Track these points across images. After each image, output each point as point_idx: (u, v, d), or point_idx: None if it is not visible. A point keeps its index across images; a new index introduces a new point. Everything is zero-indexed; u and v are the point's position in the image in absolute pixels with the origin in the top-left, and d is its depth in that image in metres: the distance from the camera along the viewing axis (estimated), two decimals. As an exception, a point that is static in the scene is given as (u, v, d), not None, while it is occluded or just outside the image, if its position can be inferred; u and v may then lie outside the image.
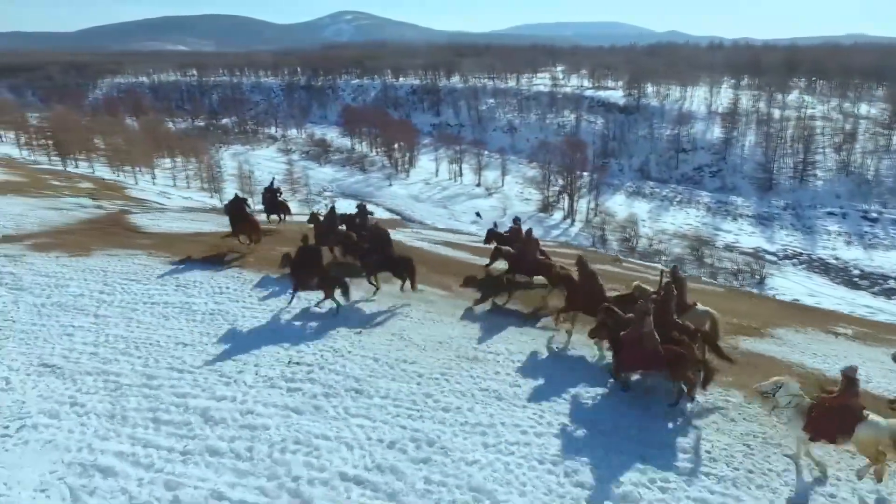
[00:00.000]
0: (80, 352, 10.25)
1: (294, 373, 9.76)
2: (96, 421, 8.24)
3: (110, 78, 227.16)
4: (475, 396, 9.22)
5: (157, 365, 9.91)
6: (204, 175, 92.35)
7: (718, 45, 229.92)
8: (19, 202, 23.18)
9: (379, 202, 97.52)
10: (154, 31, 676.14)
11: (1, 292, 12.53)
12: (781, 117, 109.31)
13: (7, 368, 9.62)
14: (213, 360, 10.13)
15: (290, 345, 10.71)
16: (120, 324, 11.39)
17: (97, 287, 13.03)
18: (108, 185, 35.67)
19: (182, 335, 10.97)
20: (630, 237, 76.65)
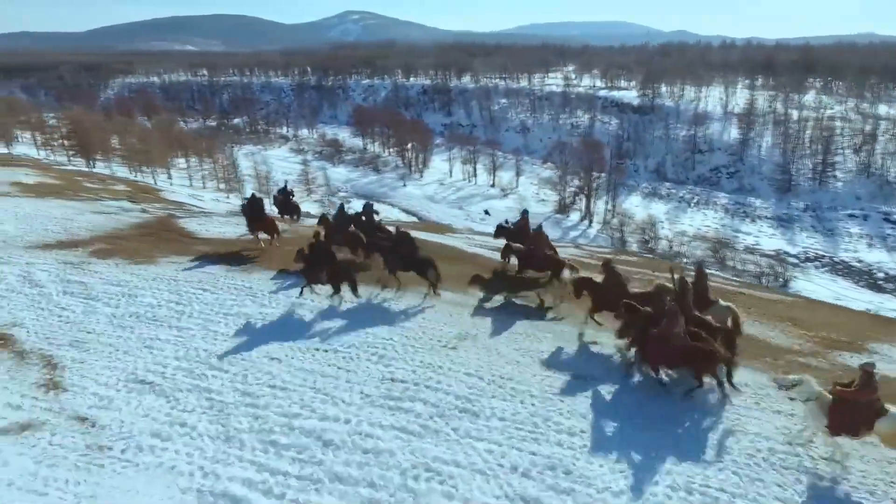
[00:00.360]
0: (169, 366, 9.82)
1: (393, 391, 9.30)
2: (210, 444, 7.80)
3: (121, 78, 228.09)
4: (594, 417, 8.73)
5: (253, 382, 9.47)
6: (220, 175, 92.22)
7: (731, 45, 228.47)
8: (61, 205, 22.80)
9: (394, 203, 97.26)
10: (161, 31, 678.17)
11: (73, 302, 12.13)
12: (799, 118, 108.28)
13: (97, 383, 9.21)
14: (307, 376, 9.68)
15: (382, 360, 10.25)
16: (201, 336, 10.96)
17: (170, 297, 12.61)
18: (142, 187, 35.32)
19: (269, 349, 10.52)
20: (649, 239, 76.01)
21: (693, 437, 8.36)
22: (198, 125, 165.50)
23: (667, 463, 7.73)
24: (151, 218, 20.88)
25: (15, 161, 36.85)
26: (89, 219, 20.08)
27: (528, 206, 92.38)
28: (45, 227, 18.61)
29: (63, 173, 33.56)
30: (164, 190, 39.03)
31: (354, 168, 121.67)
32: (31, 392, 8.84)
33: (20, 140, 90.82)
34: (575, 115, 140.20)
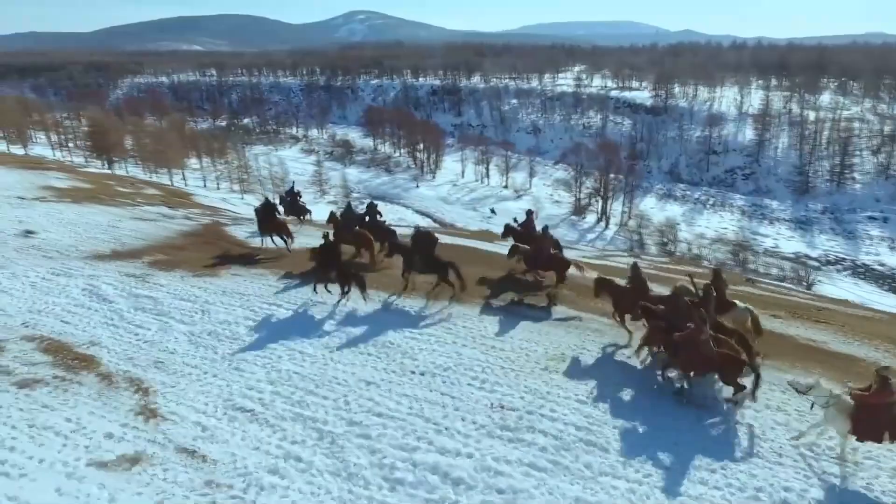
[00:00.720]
0: (264, 391, 9.32)
1: (507, 420, 8.78)
2: (333, 482, 7.26)
3: (130, 78, 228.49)
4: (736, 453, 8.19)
5: (357, 409, 8.96)
6: (233, 176, 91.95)
7: (742, 45, 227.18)
8: (102, 211, 22.38)
9: (408, 204, 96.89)
10: (168, 31, 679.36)
11: (146, 319, 11.66)
12: (816, 119, 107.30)
13: (196, 411, 8.72)
14: (412, 403, 9.16)
15: (485, 385, 9.72)
16: (288, 357, 10.46)
17: (243, 313, 12.12)
18: (173, 191, 34.86)
19: (361, 372, 10.01)
20: (667, 241, 75.33)
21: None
22: (207, 125, 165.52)
23: None
24: (197, 225, 20.41)
25: (43, 164, 36.41)
26: (135, 226, 19.62)
27: (543, 208, 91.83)
28: (93, 234, 18.16)
29: (93, 177, 33.12)
30: (195, 194, 38.54)
31: (366, 169, 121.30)
32: (129, 421, 8.34)
33: (34, 140, 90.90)
34: (587, 116, 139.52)
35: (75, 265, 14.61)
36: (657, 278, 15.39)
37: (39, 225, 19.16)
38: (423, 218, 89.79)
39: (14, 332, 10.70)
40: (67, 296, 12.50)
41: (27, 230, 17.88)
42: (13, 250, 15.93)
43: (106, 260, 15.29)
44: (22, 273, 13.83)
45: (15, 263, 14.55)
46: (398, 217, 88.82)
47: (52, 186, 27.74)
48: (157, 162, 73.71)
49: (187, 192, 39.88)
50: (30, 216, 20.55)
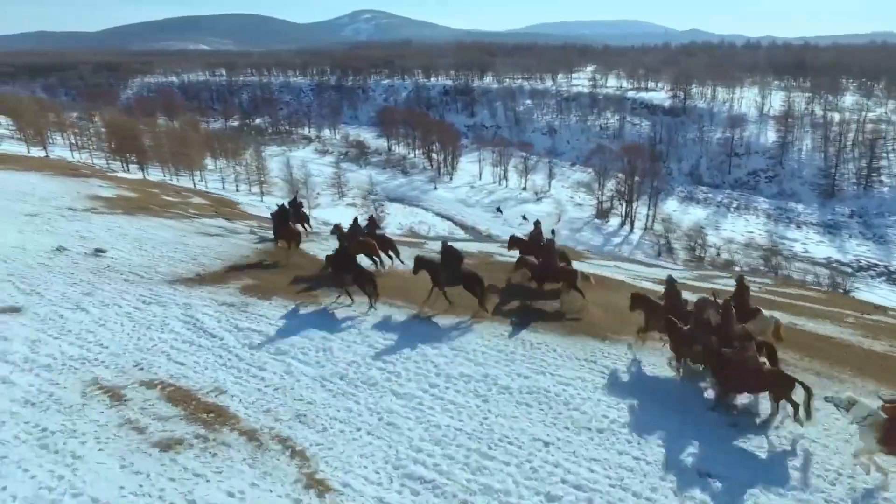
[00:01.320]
0: (433, 454, 8.11)
1: (707, 490, 7.56)
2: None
3: (140, 78, 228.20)
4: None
5: (546, 477, 7.75)
6: (251, 177, 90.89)
7: (756, 45, 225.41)
8: (161, 225, 21.25)
9: (427, 206, 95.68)
10: (174, 31, 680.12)
11: (265, 359, 10.48)
12: (841, 120, 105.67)
13: (367, 481, 7.51)
14: (603, 469, 7.95)
15: (675, 443, 8.51)
16: (440, 408, 9.26)
17: (364, 350, 10.93)
18: (219, 199, 33.65)
19: (530, 427, 8.81)
20: (695, 246, 73.92)
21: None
22: (220, 125, 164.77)
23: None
24: (268, 242, 19.22)
25: (79, 170, 35.38)
26: (204, 243, 18.48)
27: (566, 211, 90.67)
28: (164, 253, 17.01)
29: (133, 184, 32.03)
30: (240, 203, 37.33)
31: (382, 170, 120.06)
32: (301, 496, 7.14)
33: (52, 142, 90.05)
34: (603, 117, 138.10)
35: (163, 292, 13.48)
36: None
37: (104, 241, 18.03)
38: (444, 221, 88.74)
39: (130, 376, 9.57)
40: (170, 330, 11.34)
41: (97, 249, 16.74)
42: (89, 272, 14.80)
43: (192, 285, 14.15)
44: (111, 301, 12.70)
45: (99, 289, 13.43)
46: (419, 220, 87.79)
47: (99, 196, 26.64)
48: (179, 164, 72.62)
49: (232, 199, 38.63)
50: (91, 231, 19.43)
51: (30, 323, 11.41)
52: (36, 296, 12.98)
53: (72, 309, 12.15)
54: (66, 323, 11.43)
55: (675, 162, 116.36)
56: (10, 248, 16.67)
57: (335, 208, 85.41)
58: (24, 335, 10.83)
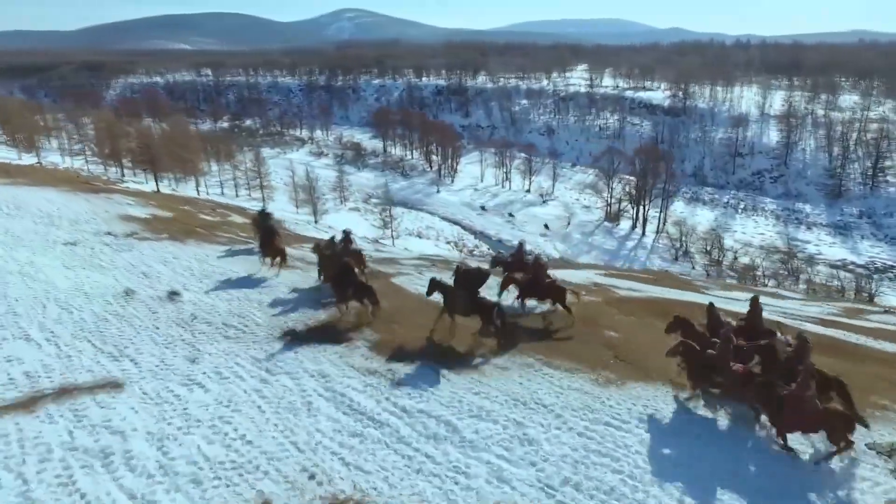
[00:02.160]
0: None
1: None
2: None
3: (123, 78, 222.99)
4: None
5: None
6: (250, 182, 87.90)
7: (746, 44, 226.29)
8: (221, 254, 18.84)
9: (432, 210, 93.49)
10: (155, 30, 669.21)
11: (455, 456, 8.17)
12: (843, 120, 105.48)
13: None
14: None
15: None
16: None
17: (573, 440, 8.49)
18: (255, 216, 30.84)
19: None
20: (710, 249, 72.64)
21: None
22: (209, 127, 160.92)
23: None
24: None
25: (96, 185, 32.68)
26: (289, 280, 16.07)
27: (574, 214, 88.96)
28: (249, 296, 14.41)
29: (162, 200, 29.40)
30: (285, 221, 34.58)
31: (380, 172, 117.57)
32: None
33: (41, 146, 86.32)
34: (602, 117, 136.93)
35: (283, 355, 10.98)
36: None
37: (170, 279, 15.60)
38: (452, 226, 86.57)
39: (307, 493, 7.31)
40: (324, 415, 8.88)
41: (171, 291, 14.37)
42: (175, 325, 12.45)
43: (309, 342, 11.75)
44: (227, 369, 10.30)
45: (202, 352, 11.02)
46: (426, 225, 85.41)
47: (132, 216, 24.10)
48: (181, 169, 69.50)
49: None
50: (147, 264, 16.99)
51: (140, 406, 9.09)
52: (129, 362, 10.63)
53: (185, 384, 9.79)
54: (187, 406, 9.07)
55: (679, 162, 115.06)
56: (67, 291, 14.24)
57: (338, 213, 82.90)
58: (142, 427, 8.53)
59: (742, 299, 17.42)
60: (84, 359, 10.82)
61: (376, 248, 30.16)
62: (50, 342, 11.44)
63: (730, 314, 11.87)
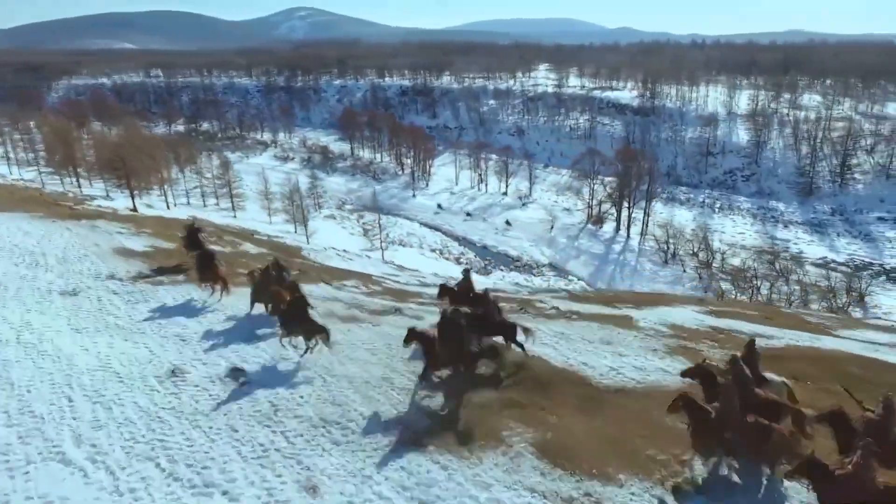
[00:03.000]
0: None
1: None
2: None
3: (66, 79, 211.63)
4: None
5: None
6: (219, 191, 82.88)
7: (702, 44, 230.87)
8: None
9: (410, 216, 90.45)
10: (96, 29, 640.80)
11: None
12: (807, 118, 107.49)
13: None
14: None
15: None
16: None
17: None
18: (274, 244, 27.05)
19: None
20: (696, 251, 72.07)
21: None
22: (163, 130, 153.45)
23: None
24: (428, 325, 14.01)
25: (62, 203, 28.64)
26: (370, 340, 13.08)
27: (557, 217, 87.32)
28: (335, 369, 11.42)
29: (154, 226, 25.60)
30: (303, 248, 30.61)
31: (351, 176, 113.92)
32: None
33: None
34: (571, 117, 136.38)
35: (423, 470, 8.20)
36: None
37: (219, 348, 12.42)
38: (433, 232, 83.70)
39: None
40: None
41: (233, 368, 11.23)
42: (257, 424, 9.28)
43: (449, 446, 8.83)
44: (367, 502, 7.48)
45: (317, 473, 8.09)
46: (406, 232, 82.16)
47: (130, 251, 20.50)
48: (145, 178, 64.31)
49: (289, 244, 31.71)
50: (178, 322, 13.67)
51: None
52: (222, 498, 7.62)
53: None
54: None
55: (650, 162, 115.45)
56: (92, 372, 10.96)
57: (314, 221, 78.81)
58: None
59: (883, 342, 15.21)
60: (156, 493, 7.71)
61: (381, 276, 26.74)
62: (98, 465, 8.27)
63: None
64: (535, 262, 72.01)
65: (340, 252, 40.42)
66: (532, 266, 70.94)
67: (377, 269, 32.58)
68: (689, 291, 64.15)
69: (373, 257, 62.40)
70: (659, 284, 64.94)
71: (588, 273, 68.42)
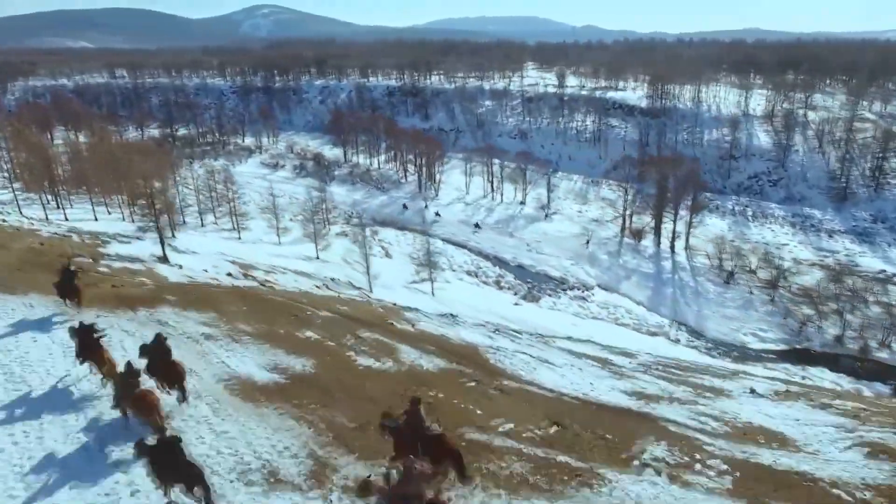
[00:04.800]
0: None
1: None
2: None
3: (22, 80, 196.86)
4: None
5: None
6: (220, 207, 73.11)
7: (689, 42, 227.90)
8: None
9: (427, 231, 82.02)
10: (50, 27, 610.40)
11: None
12: (832, 119, 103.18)
13: None
14: None
15: None
16: None
17: None
18: (364, 308, 18.87)
19: None
20: (755, 269, 65.59)
21: None
22: (134, 135, 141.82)
23: None
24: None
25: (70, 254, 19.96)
26: None
27: (591, 230, 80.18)
28: None
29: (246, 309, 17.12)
30: (409, 316, 22.20)
31: (352, 186, 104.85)
32: None
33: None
34: (575, 119, 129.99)
35: None
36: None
37: None
38: (458, 250, 75.43)
39: None
40: None
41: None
42: None
43: None
44: None
45: None
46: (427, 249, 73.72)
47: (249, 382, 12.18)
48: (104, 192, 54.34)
49: (382, 305, 23.38)
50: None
51: None
52: None
53: None
54: None
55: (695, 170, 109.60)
56: None
57: (323, 240, 69.59)
58: None
59: None
60: None
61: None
62: None
63: None
64: (582, 284, 64.68)
65: (421, 312, 31.98)
66: (579, 288, 63.66)
67: (479, 335, 24.54)
68: (763, 316, 58.35)
69: (419, 287, 54.35)
70: (729, 309, 58.53)
71: (646, 297, 61.52)
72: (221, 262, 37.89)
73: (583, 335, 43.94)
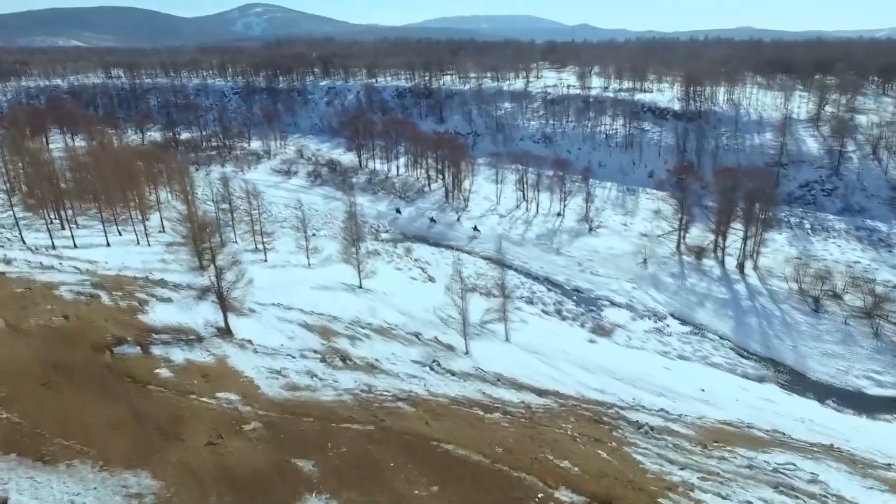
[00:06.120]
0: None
1: None
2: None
3: (15, 80, 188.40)
4: None
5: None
6: (242, 225, 65.50)
7: (703, 41, 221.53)
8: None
9: (457, 246, 74.72)
10: (41, 25, 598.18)
11: None
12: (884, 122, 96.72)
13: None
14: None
15: None
16: None
17: None
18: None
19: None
20: (841, 293, 58.34)
21: None
22: (134, 139, 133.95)
23: None
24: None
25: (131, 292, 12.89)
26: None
27: (650, 248, 72.90)
28: None
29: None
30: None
31: (374, 195, 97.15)
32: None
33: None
34: (601, 122, 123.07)
35: None
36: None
37: None
38: (505, 271, 68.11)
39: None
40: None
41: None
42: None
43: None
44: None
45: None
46: (475, 272, 66.40)
47: None
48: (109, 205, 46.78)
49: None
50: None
51: None
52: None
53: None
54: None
55: (710, 173, 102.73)
56: None
57: (374, 261, 60.40)
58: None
59: None
60: None
61: None
62: None
63: None
64: (651, 312, 57.33)
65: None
66: (650, 316, 56.39)
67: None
68: (871, 354, 51.60)
69: (490, 327, 46.79)
70: (828, 345, 51.42)
71: (729, 328, 54.15)
72: (290, 325, 30.43)
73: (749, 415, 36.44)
